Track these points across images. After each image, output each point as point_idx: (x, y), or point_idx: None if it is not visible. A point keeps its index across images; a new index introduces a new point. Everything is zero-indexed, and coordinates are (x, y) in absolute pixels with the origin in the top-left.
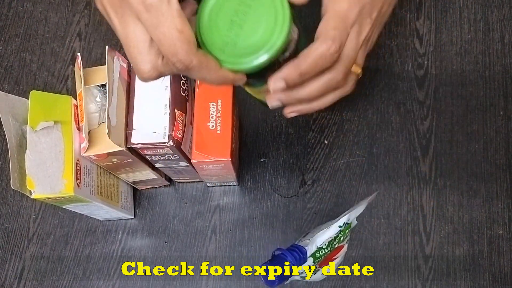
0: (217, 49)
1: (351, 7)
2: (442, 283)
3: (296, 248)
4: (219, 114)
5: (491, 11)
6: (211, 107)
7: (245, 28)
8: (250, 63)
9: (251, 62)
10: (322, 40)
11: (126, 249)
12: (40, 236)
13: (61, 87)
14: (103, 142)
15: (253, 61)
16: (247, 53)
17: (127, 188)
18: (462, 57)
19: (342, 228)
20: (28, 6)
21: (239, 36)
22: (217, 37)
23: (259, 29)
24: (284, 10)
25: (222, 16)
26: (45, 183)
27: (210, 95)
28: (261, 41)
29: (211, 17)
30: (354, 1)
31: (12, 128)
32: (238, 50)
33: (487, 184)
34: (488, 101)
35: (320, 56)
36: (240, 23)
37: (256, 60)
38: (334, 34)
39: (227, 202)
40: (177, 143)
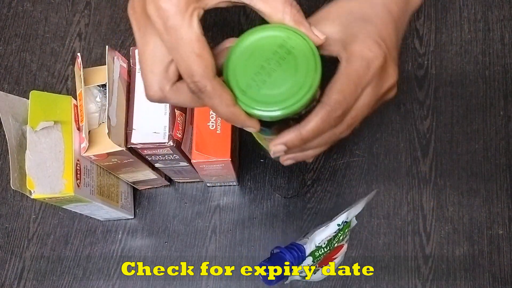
0: (239, 88)
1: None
2: (442, 283)
3: (294, 247)
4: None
5: (491, 11)
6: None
7: (272, 77)
8: (266, 113)
9: (267, 112)
10: (325, 104)
11: (126, 249)
12: (40, 236)
13: (61, 87)
14: (103, 142)
15: (270, 112)
16: (266, 102)
17: (127, 188)
18: (462, 57)
19: (341, 226)
20: (28, 6)
21: (265, 84)
22: (242, 77)
23: (286, 83)
24: (316, 74)
25: (254, 59)
26: (45, 183)
27: None
28: (283, 96)
29: (242, 56)
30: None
31: (12, 128)
32: (258, 96)
33: (487, 184)
34: (488, 101)
35: (322, 121)
36: (269, 71)
37: (272, 112)
38: (337, 98)
39: (227, 202)
40: (177, 143)
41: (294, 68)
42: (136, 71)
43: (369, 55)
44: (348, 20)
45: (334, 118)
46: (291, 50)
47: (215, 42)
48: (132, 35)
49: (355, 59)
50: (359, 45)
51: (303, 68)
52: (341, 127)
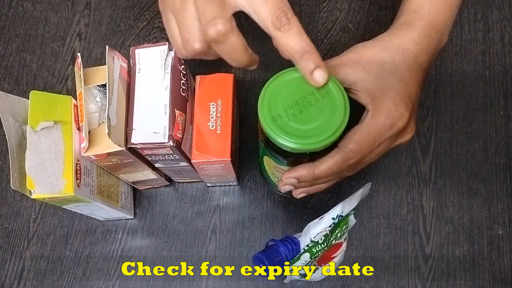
0: (270, 115)
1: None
2: (442, 283)
3: (289, 239)
4: (219, 114)
5: (491, 11)
6: (211, 107)
7: (303, 114)
8: (288, 143)
9: (289, 143)
10: (341, 151)
11: (126, 249)
12: (40, 236)
13: (61, 87)
14: (103, 142)
15: (292, 143)
16: (291, 134)
17: (127, 188)
18: (462, 57)
19: (336, 220)
20: (28, 6)
21: (294, 118)
22: (276, 106)
23: (314, 123)
24: (343, 123)
25: (291, 93)
26: (45, 183)
27: (210, 95)
28: (309, 133)
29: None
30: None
31: (12, 128)
32: (286, 127)
33: (487, 184)
34: (488, 101)
35: (335, 165)
36: (301, 108)
37: (294, 144)
38: (354, 149)
39: (227, 202)
40: (177, 143)
41: (325, 111)
42: (136, 71)
43: (395, 115)
44: (379, 71)
45: (348, 165)
46: (326, 94)
47: None
48: (132, 34)
49: (380, 115)
50: (387, 103)
51: (333, 113)
52: (350, 171)
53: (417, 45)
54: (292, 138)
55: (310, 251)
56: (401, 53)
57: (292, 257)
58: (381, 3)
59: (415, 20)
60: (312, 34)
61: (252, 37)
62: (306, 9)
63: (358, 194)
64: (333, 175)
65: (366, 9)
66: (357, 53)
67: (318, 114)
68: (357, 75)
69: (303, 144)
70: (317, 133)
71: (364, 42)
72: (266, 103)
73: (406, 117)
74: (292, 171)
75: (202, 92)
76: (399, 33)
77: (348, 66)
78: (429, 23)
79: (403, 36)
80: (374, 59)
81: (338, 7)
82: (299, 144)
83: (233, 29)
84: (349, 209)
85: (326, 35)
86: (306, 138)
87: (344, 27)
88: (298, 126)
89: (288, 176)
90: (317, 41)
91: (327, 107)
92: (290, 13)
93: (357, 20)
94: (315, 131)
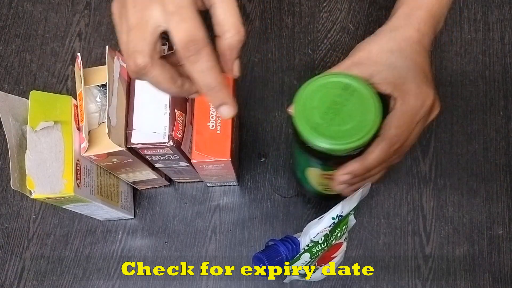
0: (310, 126)
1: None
2: (442, 283)
3: (289, 239)
4: None
5: (491, 11)
6: (211, 107)
7: (340, 116)
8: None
9: (338, 145)
10: (385, 138)
11: (126, 249)
12: (40, 236)
13: (61, 87)
14: (103, 142)
15: (341, 145)
16: (337, 136)
17: (127, 188)
18: (462, 57)
19: (336, 220)
20: (28, 6)
21: (333, 121)
22: (312, 116)
23: (353, 120)
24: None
25: (321, 101)
26: (45, 183)
27: None
28: (353, 131)
29: (310, 99)
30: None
31: (12, 128)
32: (329, 132)
33: (487, 184)
34: (488, 101)
35: (383, 152)
36: (336, 110)
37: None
38: (396, 133)
39: (227, 202)
40: (177, 143)
41: (358, 107)
42: None
43: (422, 95)
44: (391, 60)
45: (393, 150)
46: (353, 92)
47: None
48: None
49: (409, 98)
50: (411, 86)
51: (366, 107)
52: (396, 156)
53: (419, 31)
54: (338, 140)
55: (310, 251)
56: (406, 40)
57: (292, 257)
58: (381, 3)
59: (414, 9)
60: (312, 34)
61: (252, 37)
62: (306, 9)
63: (358, 194)
64: (383, 163)
65: (366, 9)
66: (365, 50)
67: (353, 111)
68: (371, 69)
69: (351, 143)
70: (359, 128)
71: (367, 39)
72: (301, 116)
73: (432, 94)
74: (344, 168)
75: None
76: (400, 23)
77: (360, 65)
78: (428, 11)
79: (404, 25)
80: (383, 51)
81: (338, 7)
82: (347, 144)
83: (152, 62)
84: (349, 209)
85: (326, 35)
86: (351, 136)
87: (344, 27)
88: (339, 128)
89: (341, 173)
90: (317, 41)
91: (358, 103)
92: (201, 44)
93: (357, 20)
94: (357, 127)
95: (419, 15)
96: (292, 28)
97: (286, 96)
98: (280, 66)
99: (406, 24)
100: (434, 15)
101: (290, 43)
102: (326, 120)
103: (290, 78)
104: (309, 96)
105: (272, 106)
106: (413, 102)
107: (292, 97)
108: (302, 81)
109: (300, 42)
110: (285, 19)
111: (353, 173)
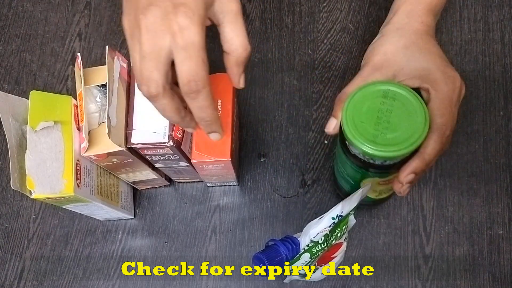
0: (368, 141)
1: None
2: (442, 283)
3: (289, 239)
4: (219, 114)
5: (491, 11)
6: None
7: (391, 123)
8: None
9: (401, 151)
10: (434, 129)
11: (126, 249)
12: (40, 236)
13: (61, 87)
14: (103, 142)
15: (404, 149)
16: (395, 143)
17: (127, 188)
18: (462, 57)
19: (336, 220)
20: (28, 6)
21: (388, 129)
22: (366, 130)
23: (405, 123)
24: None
25: (368, 114)
26: (45, 183)
27: None
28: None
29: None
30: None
31: (12, 128)
32: (387, 141)
33: (487, 184)
34: (488, 101)
35: (438, 143)
36: (386, 119)
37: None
38: (443, 121)
39: (227, 202)
40: (177, 143)
41: (404, 109)
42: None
43: (450, 79)
44: (408, 55)
45: (446, 137)
46: (394, 97)
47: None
48: None
49: (441, 85)
50: (437, 74)
51: (411, 108)
52: (450, 138)
53: (423, 24)
54: (398, 146)
55: (310, 251)
56: (415, 34)
57: (292, 257)
58: (381, 3)
59: (415, 5)
60: (312, 34)
61: (252, 37)
62: (306, 9)
63: (358, 194)
64: (439, 153)
65: (366, 9)
66: (379, 54)
67: (401, 114)
68: (393, 70)
69: (413, 144)
70: (413, 128)
71: (377, 42)
72: (357, 134)
73: (457, 75)
74: (407, 168)
75: None
76: (404, 20)
77: (381, 68)
78: (428, 5)
79: (408, 21)
80: (398, 49)
81: (338, 7)
82: (410, 147)
83: (164, 92)
84: (349, 209)
85: (326, 35)
86: (409, 139)
87: (344, 27)
88: (396, 134)
89: (406, 174)
90: (317, 41)
91: (402, 105)
92: (201, 84)
93: (357, 20)
94: (411, 128)
95: (420, 10)
96: (292, 28)
97: (286, 96)
98: (280, 66)
99: (409, 20)
100: (434, 8)
101: (290, 43)
102: (380, 130)
103: (290, 78)
104: (355, 112)
105: (272, 106)
106: (446, 88)
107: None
108: (302, 81)
109: (300, 42)
110: (285, 19)
111: (416, 171)
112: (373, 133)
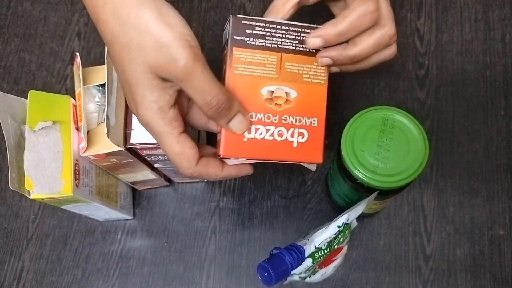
0: (368, 171)
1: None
2: (443, 283)
3: (294, 248)
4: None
5: (492, 10)
6: None
7: (391, 152)
8: (403, 181)
9: (403, 181)
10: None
11: (126, 250)
12: (39, 236)
13: (60, 87)
14: (102, 142)
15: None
16: (398, 173)
17: (126, 188)
18: (463, 56)
19: (341, 228)
20: (27, 5)
21: (387, 159)
22: (366, 160)
23: (404, 151)
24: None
25: (368, 142)
26: (44, 183)
27: None
28: (409, 162)
29: (356, 143)
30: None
31: (11, 128)
32: (388, 171)
33: (488, 184)
34: (489, 101)
35: (359, 16)
36: (386, 147)
37: (408, 179)
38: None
39: (227, 202)
40: None
41: (402, 136)
42: None
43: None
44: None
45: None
46: (394, 124)
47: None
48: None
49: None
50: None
51: (409, 134)
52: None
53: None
54: (399, 176)
55: (313, 256)
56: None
57: (297, 265)
58: None
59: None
60: None
61: None
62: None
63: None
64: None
65: None
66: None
67: (401, 143)
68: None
69: (411, 175)
70: (414, 158)
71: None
72: (355, 161)
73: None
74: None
75: None
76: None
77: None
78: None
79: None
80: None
81: None
82: (408, 177)
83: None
84: (354, 217)
85: None
86: (409, 169)
87: None
88: (395, 164)
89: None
90: None
91: (402, 133)
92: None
93: None
94: (412, 157)
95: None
96: None
97: None
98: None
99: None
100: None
101: None
102: (380, 160)
103: None
104: (355, 140)
105: None
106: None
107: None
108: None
109: None
110: None
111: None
112: (373, 163)
